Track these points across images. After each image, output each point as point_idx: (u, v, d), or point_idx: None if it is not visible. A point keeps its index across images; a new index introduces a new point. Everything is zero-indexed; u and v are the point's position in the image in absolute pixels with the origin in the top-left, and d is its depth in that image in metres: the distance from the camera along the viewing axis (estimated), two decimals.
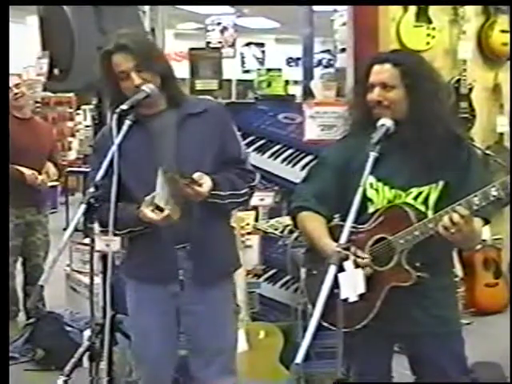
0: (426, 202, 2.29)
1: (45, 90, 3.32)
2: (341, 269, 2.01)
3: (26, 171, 4.33)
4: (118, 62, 2.40)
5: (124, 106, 2.40)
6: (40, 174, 4.44)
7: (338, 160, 2.41)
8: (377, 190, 2.32)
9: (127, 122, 2.41)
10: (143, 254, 2.51)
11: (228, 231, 2.67)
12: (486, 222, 2.29)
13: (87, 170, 8.31)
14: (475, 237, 2.22)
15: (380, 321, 2.26)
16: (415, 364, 2.43)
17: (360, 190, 2.16)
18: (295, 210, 2.45)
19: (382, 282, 2.24)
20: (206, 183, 2.35)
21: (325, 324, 2.14)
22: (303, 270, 2.53)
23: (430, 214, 2.27)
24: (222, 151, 2.51)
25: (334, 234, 2.28)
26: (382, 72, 2.29)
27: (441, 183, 2.30)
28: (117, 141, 2.38)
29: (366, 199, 2.29)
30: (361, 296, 2.09)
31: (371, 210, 2.32)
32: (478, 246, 4.92)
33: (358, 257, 2.20)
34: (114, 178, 2.38)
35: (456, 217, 2.07)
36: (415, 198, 2.30)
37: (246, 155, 2.63)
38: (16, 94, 4.36)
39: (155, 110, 2.50)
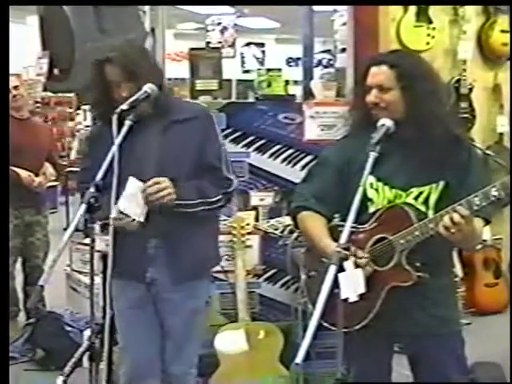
0: (426, 202, 2.30)
1: (45, 89, 3.32)
2: (341, 269, 2.01)
3: (22, 173, 4.32)
4: (108, 73, 2.48)
5: (124, 106, 2.41)
6: (37, 175, 4.43)
7: (338, 160, 2.41)
8: (377, 189, 2.32)
9: (127, 123, 2.41)
10: (118, 250, 2.51)
11: (201, 229, 2.66)
12: (487, 222, 2.29)
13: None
14: (476, 237, 2.22)
15: (380, 321, 2.26)
16: (415, 364, 2.42)
17: (360, 190, 2.16)
18: (295, 210, 2.45)
19: (382, 281, 2.24)
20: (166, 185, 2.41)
21: (325, 324, 2.14)
22: (303, 270, 2.53)
23: (430, 214, 2.27)
24: (200, 157, 2.57)
25: (334, 233, 2.28)
26: (379, 74, 2.30)
27: (441, 183, 2.30)
28: (117, 141, 2.38)
29: (366, 199, 2.29)
30: (361, 296, 2.09)
31: (371, 209, 2.32)
32: (478, 246, 4.92)
33: (357, 256, 2.20)
34: (114, 179, 2.38)
35: (456, 217, 2.07)
36: (416, 198, 2.30)
37: (227, 162, 2.66)
38: (15, 96, 4.35)
39: (144, 112, 2.52)
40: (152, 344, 2.68)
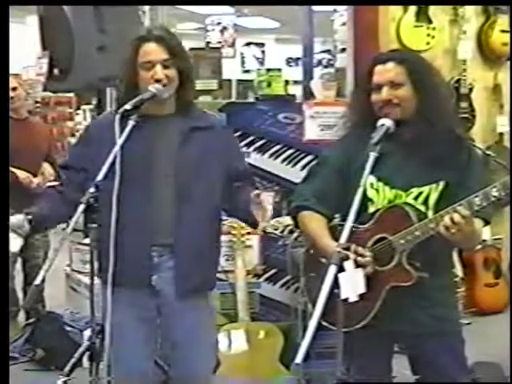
0: (426, 202, 2.29)
1: (45, 90, 3.31)
2: (341, 269, 2.01)
3: (21, 174, 4.31)
4: (149, 51, 2.36)
5: (127, 106, 2.35)
6: (35, 175, 4.42)
7: (338, 160, 2.41)
8: (377, 189, 2.32)
9: (131, 123, 2.37)
10: (122, 257, 2.39)
11: (216, 243, 2.61)
12: (486, 222, 2.29)
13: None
14: (475, 237, 2.22)
15: (380, 320, 2.26)
16: (415, 364, 2.42)
17: (360, 190, 2.16)
18: (295, 210, 2.44)
19: (382, 281, 2.24)
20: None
21: (325, 324, 2.13)
22: (303, 270, 2.53)
23: (430, 214, 2.27)
24: (230, 168, 2.52)
25: (335, 233, 2.28)
26: (388, 71, 2.29)
27: (441, 183, 2.30)
28: (120, 141, 2.35)
29: (366, 199, 2.29)
30: (361, 296, 2.09)
31: (372, 209, 2.32)
32: (478, 246, 4.93)
33: (359, 254, 2.20)
34: (116, 180, 2.36)
35: (457, 217, 2.07)
36: (416, 198, 2.30)
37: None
38: (12, 97, 4.34)
39: (163, 112, 2.47)
40: (148, 359, 2.60)
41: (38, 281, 2.14)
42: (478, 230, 2.22)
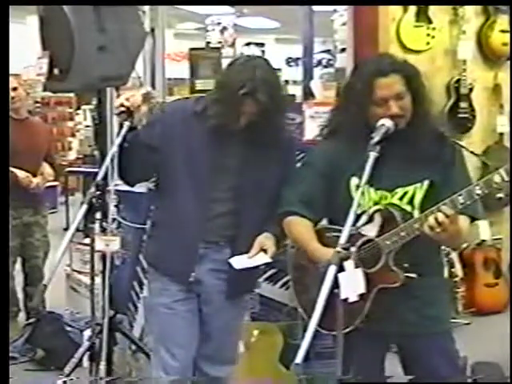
0: (411, 201, 2.29)
1: (45, 90, 3.31)
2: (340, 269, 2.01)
3: (20, 173, 4.31)
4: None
5: (122, 108, 2.42)
6: (35, 175, 4.42)
7: (321, 163, 2.40)
8: (362, 191, 2.30)
9: (126, 123, 2.42)
10: (166, 248, 2.57)
11: None
12: (473, 219, 2.29)
13: (87, 170, 8.27)
14: (461, 235, 2.21)
15: (370, 322, 2.25)
16: (407, 364, 2.42)
17: (360, 191, 2.16)
18: (282, 215, 2.43)
19: (371, 283, 2.21)
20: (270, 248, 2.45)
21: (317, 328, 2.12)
22: (292, 274, 2.54)
23: (416, 213, 2.26)
24: (279, 183, 2.52)
25: (321, 237, 2.29)
26: (394, 84, 2.26)
27: (426, 182, 2.29)
28: (117, 141, 2.39)
29: (352, 201, 2.27)
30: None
31: (358, 211, 2.29)
32: (472, 245, 4.95)
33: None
34: (117, 179, 2.39)
35: (441, 216, 2.07)
36: (401, 199, 2.29)
37: None
38: (13, 97, 4.35)
39: (237, 125, 2.44)
40: (192, 342, 2.66)
41: (45, 281, 2.18)
42: (465, 228, 2.22)
